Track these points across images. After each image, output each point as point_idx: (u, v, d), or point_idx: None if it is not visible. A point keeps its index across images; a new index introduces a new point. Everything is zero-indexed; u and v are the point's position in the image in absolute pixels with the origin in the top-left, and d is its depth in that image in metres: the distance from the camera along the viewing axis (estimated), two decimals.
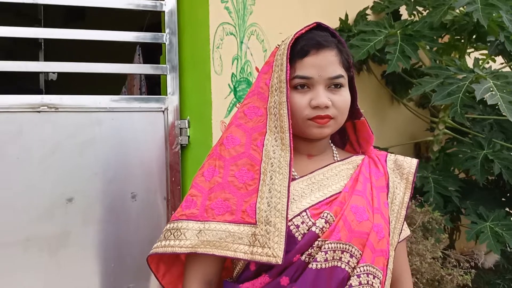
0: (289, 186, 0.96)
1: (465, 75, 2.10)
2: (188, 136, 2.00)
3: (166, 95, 1.98)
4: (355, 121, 1.16)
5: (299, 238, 0.96)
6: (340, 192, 1.02)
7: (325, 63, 1.02)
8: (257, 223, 0.94)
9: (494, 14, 2.27)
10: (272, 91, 1.01)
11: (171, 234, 0.99)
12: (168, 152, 1.97)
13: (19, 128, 1.78)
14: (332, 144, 1.14)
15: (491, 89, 1.94)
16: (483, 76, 2.04)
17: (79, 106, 1.86)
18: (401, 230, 1.08)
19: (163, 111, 1.97)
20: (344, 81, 1.06)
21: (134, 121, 1.93)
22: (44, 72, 2.51)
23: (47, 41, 2.78)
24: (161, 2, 1.94)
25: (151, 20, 2.41)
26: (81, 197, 1.85)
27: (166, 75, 1.97)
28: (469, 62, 3.52)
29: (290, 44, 1.02)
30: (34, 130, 1.80)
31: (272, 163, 0.97)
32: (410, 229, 1.86)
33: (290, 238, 0.95)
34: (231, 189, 0.98)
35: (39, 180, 1.80)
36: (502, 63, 3.12)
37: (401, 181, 1.10)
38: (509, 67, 3.45)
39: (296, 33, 1.04)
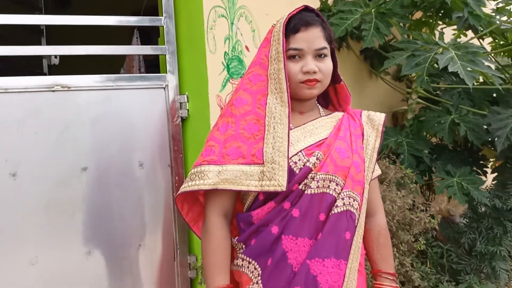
0: (288, 133, 1.20)
1: (431, 48, 2.36)
2: (188, 110, 2.23)
3: (166, 73, 2.20)
4: (336, 85, 1.41)
5: (297, 171, 1.21)
6: (326, 137, 1.27)
7: (313, 38, 1.26)
8: (264, 163, 1.18)
9: None
10: (271, 60, 1.24)
11: (196, 176, 1.22)
12: (170, 124, 2.20)
13: (37, 106, 1.99)
14: (318, 104, 1.39)
15: (453, 58, 2.21)
16: (446, 47, 2.30)
17: (89, 85, 2.07)
18: (374, 169, 1.34)
19: (164, 88, 2.19)
20: (327, 52, 1.30)
21: (139, 97, 2.14)
22: (47, 57, 2.69)
23: (48, 27, 2.95)
24: None
25: (147, 4, 2.59)
26: (94, 166, 2.08)
27: (165, 55, 2.19)
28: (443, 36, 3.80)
29: (285, 23, 1.25)
30: (49, 107, 2.01)
31: (274, 117, 1.21)
32: (385, 184, 2.14)
33: (290, 172, 1.19)
34: (242, 139, 1.21)
35: (56, 152, 2.02)
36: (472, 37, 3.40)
37: (373, 131, 1.36)
38: (477, 39, 3.75)
39: (289, 14, 1.27)
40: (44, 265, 2.01)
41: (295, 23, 1.25)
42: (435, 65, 2.42)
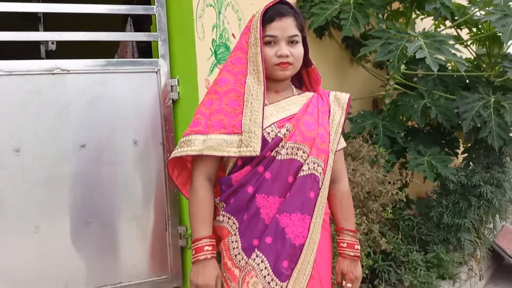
0: (263, 108, 1.39)
1: (402, 36, 2.56)
2: (178, 92, 2.41)
3: (158, 58, 2.38)
4: (308, 68, 1.60)
5: (270, 140, 1.40)
6: (296, 113, 1.46)
7: (286, 26, 1.45)
8: (242, 132, 1.37)
9: None
10: (251, 46, 1.43)
11: (184, 144, 1.41)
12: (162, 106, 2.38)
13: (38, 88, 2.16)
14: (292, 85, 1.58)
15: (421, 46, 2.41)
16: (415, 36, 2.51)
17: (86, 69, 2.24)
18: (339, 142, 1.54)
19: (156, 72, 2.37)
20: (299, 39, 1.49)
21: (133, 80, 2.32)
22: (45, 43, 2.84)
23: (46, 14, 3.09)
24: None
25: None
26: (92, 144, 2.26)
27: (157, 41, 2.36)
28: (422, 26, 4.00)
29: (262, 13, 1.44)
30: (50, 89, 2.18)
31: (251, 94, 1.40)
32: (359, 160, 2.35)
33: (264, 141, 1.38)
34: (224, 113, 1.40)
35: (56, 130, 2.20)
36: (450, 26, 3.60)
37: (339, 109, 1.56)
38: (455, 29, 3.96)
39: (266, 6, 1.46)
40: (46, 233, 2.20)
41: (270, 14, 1.44)
42: (407, 52, 2.62)
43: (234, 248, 1.40)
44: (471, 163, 3.10)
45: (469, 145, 3.28)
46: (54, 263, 2.23)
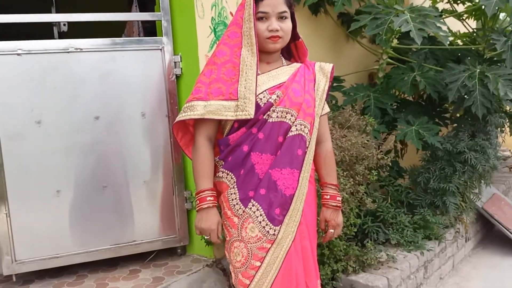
0: (256, 77, 1.59)
1: (390, 11, 2.73)
2: (181, 68, 2.62)
3: (162, 36, 2.57)
4: (296, 42, 1.79)
5: (262, 105, 1.60)
6: (285, 81, 1.66)
7: (276, 3, 1.63)
8: (238, 99, 1.57)
9: None
10: (245, 21, 1.61)
11: (188, 109, 1.62)
12: (166, 81, 2.59)
13: (55, 65, 2.38)
14: (282, 57, 1.78)
15: (407, 20, 2.58)
16: (401, 10, 2.67)
17: (98, 47, 2.45)
18: (323, 107, 1.74)
19: (160, 50, 2.57)
20: (288, 14, 1.67)
21: (140, 57, 2.53)
22: (57, 24, 3.04)
23: None
24: None
25: None
26: (105, 116, 2.49)
27: (161, 20, 2.56)
28: (417, 1, 4.14)
29: None
30: (65, 66, 2.40)
31: (246, 64, 1.59)
32: (347, 128, 2.56)
33: (257, 105, 1.58)
34: (222, 81, 1.60)
35: (72, 103, 2.43)
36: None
37: (323, 77, 1.76)
38: (450, 4, 4.09)
39: None
40: (66, 197, 2.46)
41: None
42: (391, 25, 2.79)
43: (232, 199, 1.63)
44: (459, 133, 3.28)
45: (458, 115, 3.46)
46: (74, 224, 2.50)
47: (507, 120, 3.99)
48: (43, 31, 3.10)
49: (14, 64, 2.32)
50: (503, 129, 3.69)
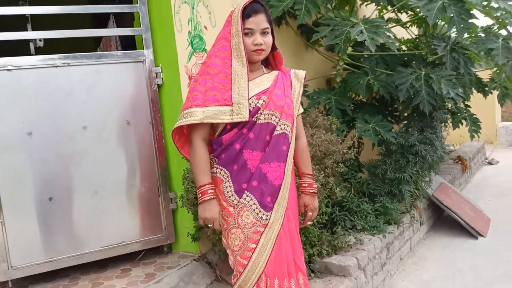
0: (248, 85, 1.85)
1: (346, 23, 3.08)
2: (162, 78, 2.83)
3: (143, 49, 2.78)
4: (274, 52, 2.06)
5: (251, 109, 1.84)
6: (269, 87, 1.92)
7: (260, 21, 1.89)
8: (233, 104, 1.81)
9: None
10: (233, 36, 1.85)
11: (188, 115, 1.82)
12: (149, 90, 2.79)
13: (44, 79, 2.53)
14: (262, 65, 2.04)
15: (361, 31, 2.94)
16: (357, 22, 3.03)
17: (84, 61, 2.62)
18: (299, 108, 2.03)
19: (142, 62, 2.77)
20: (269, 30, 1.94)
21: (123, 69, 2.72)
22: (33, 40, 3.14)
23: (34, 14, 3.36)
24: None
25: None
26: (92, 125, 2.66)
27: (142, 35, 2.76)
28: (368, 11, 4.56)
29: (242, 11, 1.87)
30: (55, 79, 2.56)
31: (237, 74, 1.83)
32: (315, 127, 2.86)
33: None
34: (217, 89, 1.83)
35: (61, 114, 2.58)
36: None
37: (298, 83, 2.04)
38: (395, 13, 4.54)
39: (244, 4, 1.89)
40: (59, 202, 2.60)
41: (248, 11, 1.88)
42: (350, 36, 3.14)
43: (228, 192, 1.87)
44: (409, 128, 3.69)
45: (407, 113, 3.88)
46: (66, 228, 2.64)
47: (450, 116, 4.49)
48: (19, 47, 3.20)
49: (4, 79, 2.45)
50: (447, 124, 4.16)
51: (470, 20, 3.29)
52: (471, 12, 3.35)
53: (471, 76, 4.13)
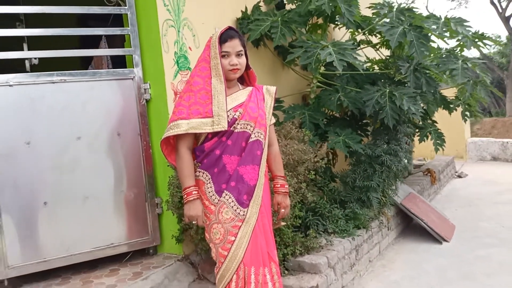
0: (226, 99, 2.12)
1: (317, 45, 3.43)
2: (150, 94, 3.11)
3: (133, 67, 3.06)
4: (248, 71, 2.37)
5: (229, 120, 2.12)
6: (244, 101, 2.21)
7: (235, 45, 2.20)
8: (213, 116, 2.08)
9: (336, 6, 3.61)
10: (212, 58, 2.14)
11: (174, 126, 2.08)
12: (138, 105, 3.07)
13: (42, 94, 2.79)
14: (238, 83, 2.34)
15: (330, 53, 3.29)
16: (326, 45, 3.38)
17: (79, 78, 2.89)
18: (271, 119, 2.32)
19: (132, 79, 3.05)
20: (243, 52, 2.24)
21: (115, 86, 2.99)
22: (29, 58, 3.39)
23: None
24: (124, 7, 3.00)
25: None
26: (86, 136, 2.91)
27: (132, 54, 3.05)
28: (341, 33, 4.93)
29: (219, 36, 2.17)
30: (52, 94, 2.81)
31: (217, 90, 2.11)
32: (289, 138, 3.17)
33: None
34: (199, 104, 2.11)
35: (57, 126, 2.83)
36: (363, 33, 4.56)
37: (269, 97, 2.34)
38: (365, 36, 4.93)
39: (221, 31, 2.19)
40: (52, 208, 2.83)
41: (224, 37, 2.19)
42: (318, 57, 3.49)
43: (209, 192, 2.14)
44: (377, 141, 4.02)
45: (376, 126, 4.23)
46: (59, 231, 2.86)
47: (418, 131, 4.86)
48: (15, 65, 3.44)
49: (6, 93, 2.70)
50: (412, 137, 4.51)
51: (433, 43, 3.67)
52: (429, 36, 3.74)
53: (435, 94, 4.52)
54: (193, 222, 2.14)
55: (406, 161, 3.92)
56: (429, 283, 3.46)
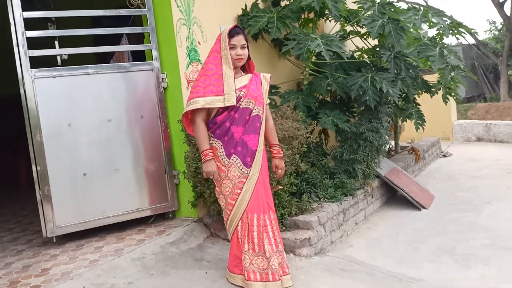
0: (234, 81, 2.69)
1: (307, 37, 4.00)
2: (167, 82, 3.68)
3: (152, 60, 3.63)
4: (249, 61, 2.93)
5: (237, 97, 2.68)
6: (246, 84, 2.77)
7: (240, 39, 2.76)
8: (224, 94, 2.65)
9: (324, 2, 4.17)
10: (222, 49, 2.69)
11: (194, 102, 2.63)
12: (157, 91, 3.65)
13: (79, 83, 3.37)
14: (241, 70, 2.91)
15: (318, 44, 3.85)
16: (315, 37, 3.95)
17: (109, 70, 3.46)
18: (267, 99, 2.90)
19: (152, 70, 3.63)
20: (246, 46, 2.81)
21: (138, 76, 3.57)
22: (60, 55, 3.95)
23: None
24: (144, 9, 3.57)
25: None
26: (115, 118, 3.50)
27: (151, 50, 3.62)
28: (331, 25, 5.48)
29: (228, 32, 2.73)
30: (87, 84, 3.39)
31: (226, 74, 2.68)
32: (285, 118, 3.76)
33: None
34: (213, 85, 2.66)
35: (92, 110, 3.41)
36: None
37: (265, 82, 2.91)
38: (352, 26, 5.48)
39: (229, 28, 2.75)
40: (90, 178, 3.42)
41: (232, 33, 2.74)
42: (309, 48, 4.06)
43: (221, 155, 2.73)
44: (361, 119, 4.61)
45: (362, 109, 4.81)
46: (96, 197, 3.45)
47: (400, 112, 5.44)
48: (49, 60, 4.01)
49: (50, 84, 3.28)
50: (391, 116, 5.10)
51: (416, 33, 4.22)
52: (405, 28, 4.30)
53: (416, 78, 5.09)
54: (210, 177, 2.74)
55: (387, 137, 4.50)
56: (405, 240, 4.07)
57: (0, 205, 5.26)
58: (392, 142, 6.97)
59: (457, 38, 6.19)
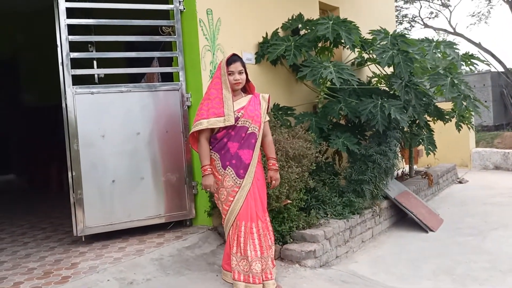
0: (233, 104, 3.03)
1: (321, 65, 4.34)
2: (191, 101, 4.07)
3: (179, 81, 4.04)
4: (248, 83, 3.25)
5: (235, 117, 3.00)
6: (245, 105, 3.10)
7: (237, 66, 3.10)
8: (225, 115, 2.99)
9: (338, 33, 4.53)
10: (222, 75, 3.04)
11: (198, 124, 2.98)
12: (181, 109, 4.03)
13: (113, 100, 3.78)
14: (241, 92, 3.23)
15: (331, 71, 4.19)
16: (327, 66, 4.29)
17: (140, 89, 3.88)
18: (265, 117, 3.19)
19: (178, 90, 4.03)
20: (243, 71, 3.13)
21: (165, 94, 3.97)
22: (97, 74, 4.42)
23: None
24: (175, 36, 3.99)
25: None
26: (143, 132, 3.89)
27: (178, 72, 4.03)
28: (347, 53, 5.81)
29: (226, 61, 3.08)
30: (120, 101, 3.81)
31: (226, 98, 3.03)
32: (296, 137, 4.08)
33: None
34: (214, 108, 3.00)
35: (123, 124, 3.81)
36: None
37: (264, 102, 3.22)
38: (368, 54, 5.79)
39: (227, 57, 3.11)
40: (118, 184, 3.80)
41: (230, 61, 3.09)
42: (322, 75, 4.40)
43: (218, 166, 3.07)
44: (371, 142, 4.88)
45: (372, 132, 5.09)
46: (122, 202, 3.83)
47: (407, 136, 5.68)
48: (89, 78, 4.47)
49: (88, 99, 3.71)
50: (400, 141, 5.35)
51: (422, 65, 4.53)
52: (413, 59, 4.60)
53: (429, 106, 5.35)
54: (207, 190, 3.08)
55: (396, 161, 4.75)
56: (408, 258, 4.28)
57: (33, 207, 5.72)
58: (407, 167, 7.19)
59: (471, 69, 6.43)
